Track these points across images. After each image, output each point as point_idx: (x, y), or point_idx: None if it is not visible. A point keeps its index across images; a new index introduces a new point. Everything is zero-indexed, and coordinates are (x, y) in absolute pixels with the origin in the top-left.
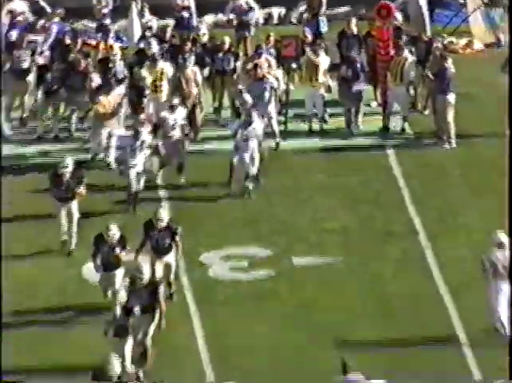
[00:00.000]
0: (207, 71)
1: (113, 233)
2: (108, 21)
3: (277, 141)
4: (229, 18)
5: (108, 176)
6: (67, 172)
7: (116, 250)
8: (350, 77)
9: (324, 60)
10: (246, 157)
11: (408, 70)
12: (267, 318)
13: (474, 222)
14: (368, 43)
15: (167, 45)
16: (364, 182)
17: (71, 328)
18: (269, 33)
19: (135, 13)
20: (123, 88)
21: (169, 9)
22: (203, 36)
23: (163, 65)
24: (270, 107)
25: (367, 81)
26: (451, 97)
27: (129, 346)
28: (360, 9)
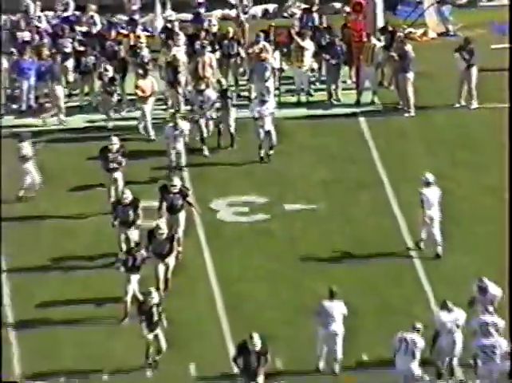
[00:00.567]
0: (218, 54)
1: (175, 184)
2: (137, 16)
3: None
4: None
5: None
6: (113, 148)
7: (179, 200)
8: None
9: (308, 44)
10: (262, 131)
11: (377, 54)
12: (263, 252)
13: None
14: (345, 32)
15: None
16: (341, 143)
17: None
18: (271, 23)
19: (158, 8)
20: (156, 74)
21: (187, 5)
22: (214, 27)
23: (176, 50)
24: (269, 83)
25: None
26: (411, 75)
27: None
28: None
